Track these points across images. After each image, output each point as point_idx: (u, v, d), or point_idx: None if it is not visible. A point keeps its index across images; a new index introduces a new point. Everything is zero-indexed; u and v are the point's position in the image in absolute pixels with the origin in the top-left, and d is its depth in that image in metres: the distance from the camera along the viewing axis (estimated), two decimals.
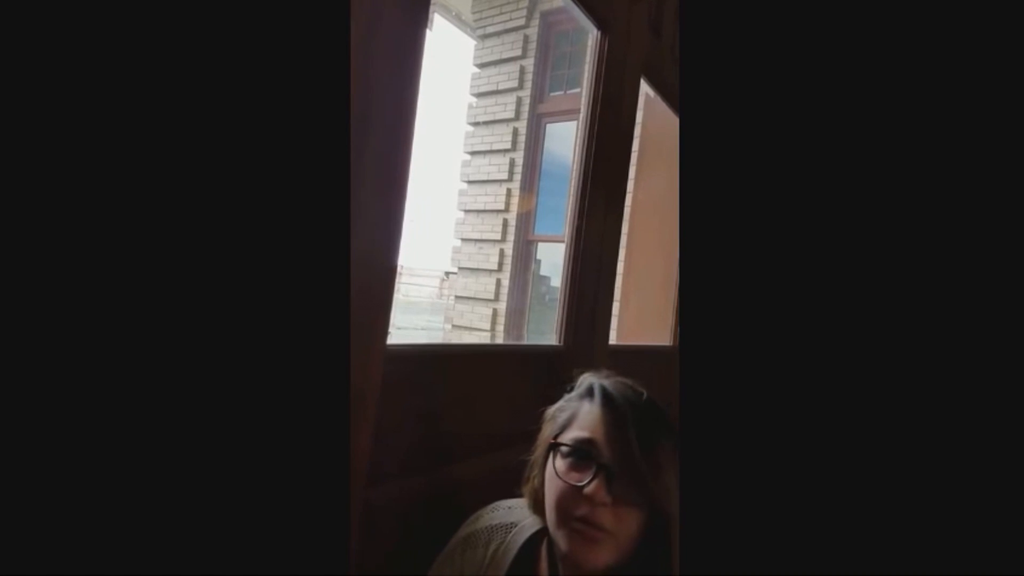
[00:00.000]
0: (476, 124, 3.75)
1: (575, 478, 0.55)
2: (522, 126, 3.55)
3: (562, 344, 1.12)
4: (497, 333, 3.55)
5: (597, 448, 0.56)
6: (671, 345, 1.78)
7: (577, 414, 0.60)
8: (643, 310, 1.97)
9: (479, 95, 3.75)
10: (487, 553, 0.62)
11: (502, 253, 3.57)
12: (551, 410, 0.63)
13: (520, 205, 3.53)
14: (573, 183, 1.18)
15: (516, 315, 3.51)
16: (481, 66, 3.76)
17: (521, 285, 3.51)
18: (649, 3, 1.27)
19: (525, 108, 3.54)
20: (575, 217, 1.16)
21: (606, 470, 0.54)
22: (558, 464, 0.57)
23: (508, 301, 3.49)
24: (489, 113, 3.68)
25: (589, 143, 1.15)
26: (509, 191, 3.57)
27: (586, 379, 0.63)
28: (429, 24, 0.76)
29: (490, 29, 3.71)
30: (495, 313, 3.58)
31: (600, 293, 1.22)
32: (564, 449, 0.57)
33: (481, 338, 3.58)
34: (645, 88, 1.54)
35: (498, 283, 3.58)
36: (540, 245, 3.55)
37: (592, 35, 1.16)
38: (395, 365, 0.73)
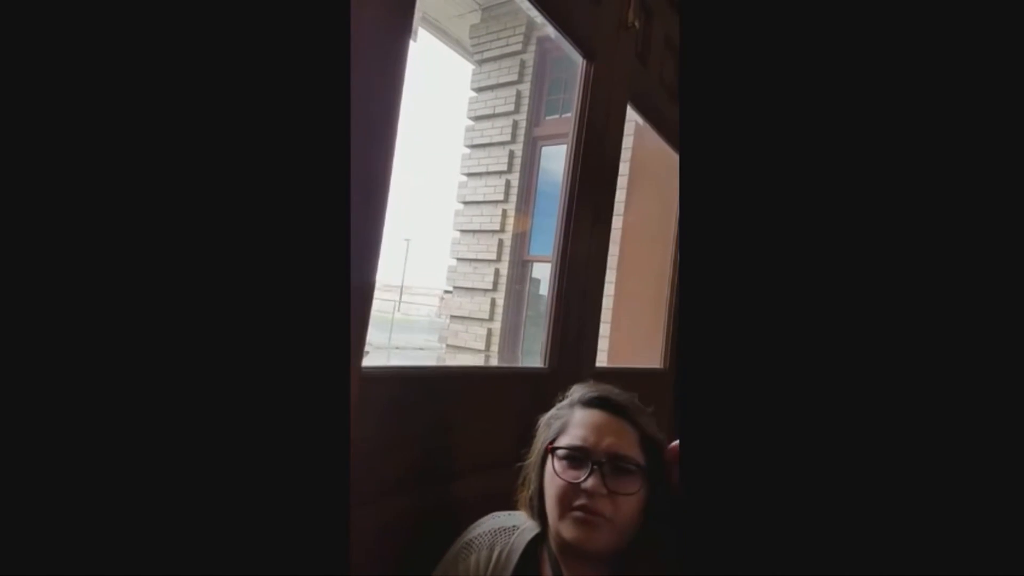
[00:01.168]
0: (473, 146, 3.80)
1: (573, 476, 0.60)
2: (518, 148, 3.60)
3: (547, 366, 1.13)
4: (492, 353, 3.55)
5: (591, 448, 0.61)
6: (661, 367, 1.79)
7: (570, 420, 0.65)
8: (634, 332, 1.97)
9: (476, 118, 3.82)
10: (492, 555, 0.66)
11: (497, 273, 3.58)
12: (544, 418, 0.69)
13: (515, 225, 3.56)
14: (560, 207, 1.20)
15: (511, 335, 3.51)
16: (479, 90, 3.84)
17: (516, 305, 3.51)
18: (635, 33, 1.31)
19: (521, 131, 3.60)
20: (562, 239, 1.18)
21: (601, 466, 0.60)
22: (557, 465, 0.62)
23: (503, 321, 3.49)
24: (486, 136, 3.74)
25: (575, 168, 1.17)
26: (505, 211, 3.60)
27: (576, 389, 0.70)
28: (413, 35, 0.78)
29: (488, 54, 3.79)
30: (489, 333, 3.58)
31: (586, 315, 1.23)
32: (561, 452, 0.62)
33: (475, 358, 3.57)
34: (635, 116, 1.58)
35: (493, 303, 3.59)
36: (535, 265, 3.57)
37: (580, 64, 1.19)
38: (377, 387, 0.74)
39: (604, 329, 1.93)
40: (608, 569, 0.61)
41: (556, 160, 3.54)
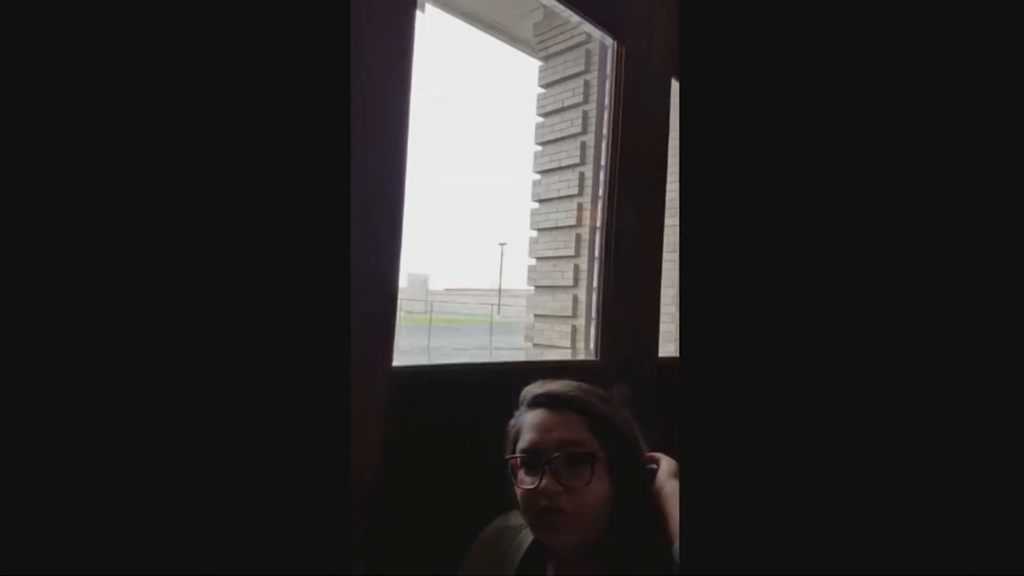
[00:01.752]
0: (544, 143, 3.80)
1: (530, 481, 0.60)
2: (590, 139, 3.54)
3: (598, 358, 1.10)
4: (578, 350, 3.51)
5: (540, 448, 0.60)
6: None
7: (522, 425, 0.64)
8: None
9: (546, 114, 3.81)
10: (496, 556, 0.67)
11: (577, 268, 3.54)
12: (508, 426, 0.67)
13: (591, 219, 3.50)
14: (603, 196, 1.16)
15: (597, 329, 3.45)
16: (547, 86, 3.83)
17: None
18: (669, 6, 1.23)
19: (592, 121, 3.53)
20: (606, 226, 1.14)
21: (551, 464, 0.59)
22: (518, 475, 0.62)
23: (586, 316, 3.45)
24: (556, 131, 3.72)
25: (614, 154, 1.13)
26: (580, 205, 3.56)
27: (527, 391, 0.67)
28: (420, 5, 0.76)
29: (553, 49, 3.77)
30: (574, 330, 3.55)
31: (642, 302, 1.18)
32: (517, 461, 0.62)
33: (563, 355, 3.56)
34: None
35: (575, 299, 3.55)
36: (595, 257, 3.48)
37: (610, 46, 1.15)
38: (417, 385, 0.77)
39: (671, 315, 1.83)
40: (595, 559, 0.59)
41: None
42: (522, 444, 0.62)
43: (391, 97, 0.70)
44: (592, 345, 1.15)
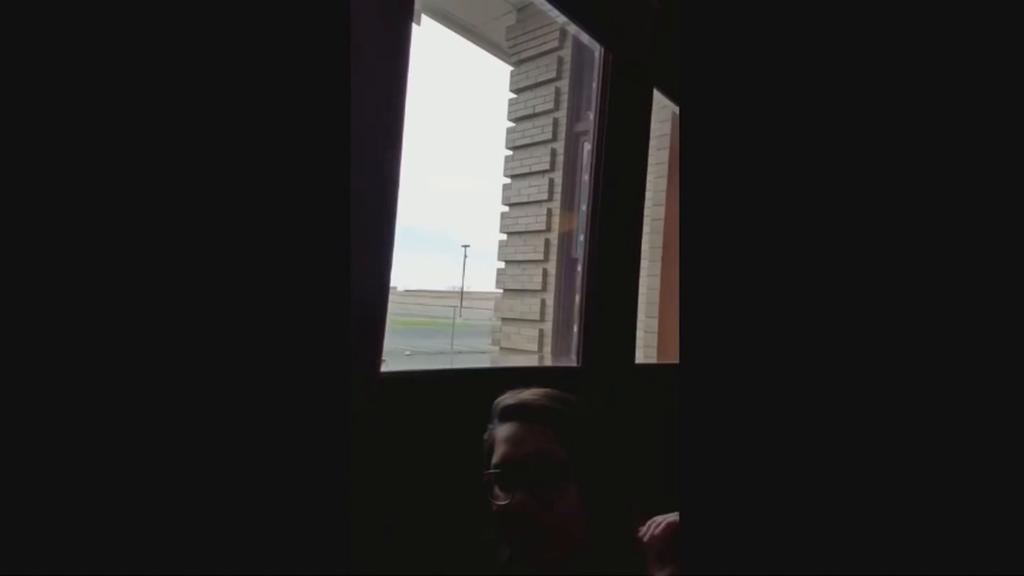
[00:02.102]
0: (516, 148, 3.81)
1: (503, 497, 0.58)
2: (560, 146, 3.57)
3: (579, 364, 1.10)
4: (545, 354, 3.53)
5: (512, 462, 0.59)
6: None
7: (495, 438, 0.62)
8: None
9: (517, 119, 3.83)
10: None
11: (545, 273, 3.57)
12: (483, 442, 0.65)
13: (561, 224, 3.53)
14: (587, 201, 1.17)
15: (561, 334, 3.48)
16: (518, 91, 3.84)
17: (566, 304, 3.48)
18: (655, 14, 1.26)
19: (562, 129, 3.57)
20: (589, 233, 1.15)
21: (525, 479, 0.57)
22: (494, 490, 0.60)
23: (553, 321, 3.47)
24: (527, 136, 3.74)
25: (599, 160, 1.14)
26: (550, 211, 3.58)
27: (498, 402, 0.65)
28: (416, 18, 0.77)
29: (525, 54, 3.79)
30: (541, 334, 3.57)
31: (620, 310, 1.19)
32: (491, 477, 0.60)
33: (529, 359, 3.57)
34: (670, 105, 1.51)
35: (543, 303, 3.57)
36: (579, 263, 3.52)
37: (597, 51, 1.16)
38: (401, 389, 0.75)
39: (652, 324, 1.87)
40: (574, 571, 0.58)
41: None
42: (495, 459, 0.60)
43: (386, 105, 0.68)
44: (572, 351, 1.15)
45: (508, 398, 0.64)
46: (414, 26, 0.73)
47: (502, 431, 0.61)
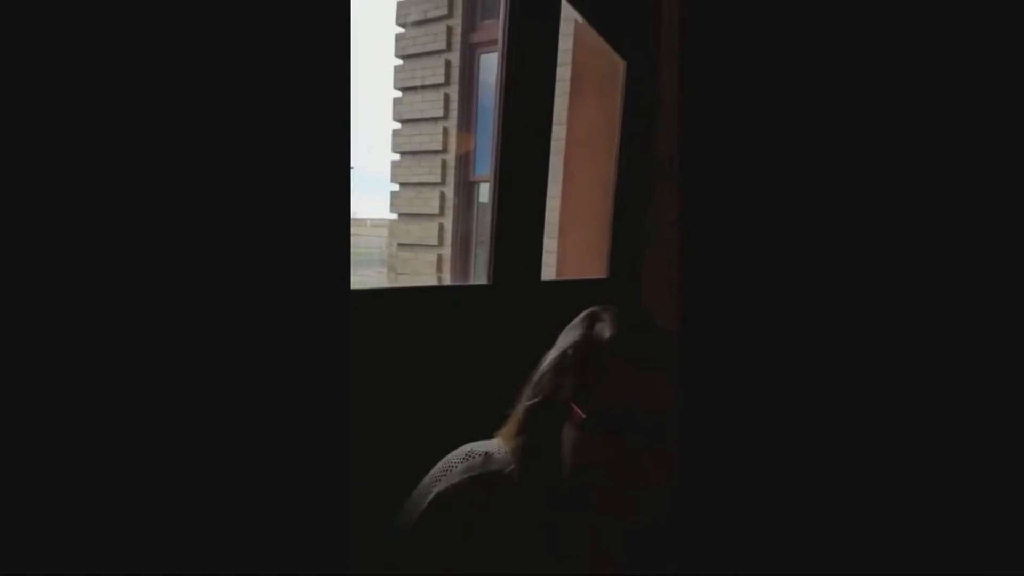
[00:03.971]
0: (406, 57, 3.53)
1: (616, 449, 0.49)
2: (455, 58, 3.37)
3: (491, 282, 1.13)
4: (443, 280, 3.53)
5: (650, 413, 0.49)
6: (605, 277, 1.83)
7: (609, 371, 0.51)
8: (580, 243, 1.99)
9: (406, 25, 3.51)
10: (467, 510, 0.54)
11: (443, 196, 3.48)
12: (556, 358, 0.55)
13: (458, 145, 3.42)
14: (495, 117, 1.14)
15: (460, 259, 3.49)
16: None
17: (465, 228, 3.46)
18: None
19: (457, 38, 3.35)
20: (499, 153, 1.13)
21: (659, 434, 0.48)
22: (594, 429, 0.50)
23: (452, 246, 3.45)
24: (419, 44, 3.46)
25: (508, 75, 1.10)
26: (446, 130, 3.44)
27: (602, 321, 0.54)
28: None
29: None
30: (439, 259, 3.55)
31: (528, 229, 1.22)
32: (605, 415, 0.50)
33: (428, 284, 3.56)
34: (574, 15, 1.48)
35: (441, 228, 3.52)
36: (483, 186, 3.49)
37: None
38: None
39: (552, 243, 1.94)
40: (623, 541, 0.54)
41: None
42: (620, 401, 0.50)
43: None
44: (471, 273, 1.16)
45: (631, 332, 0.53)
46: None
47: (641, 376, 0.50)
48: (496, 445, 0.58)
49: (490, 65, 3.36)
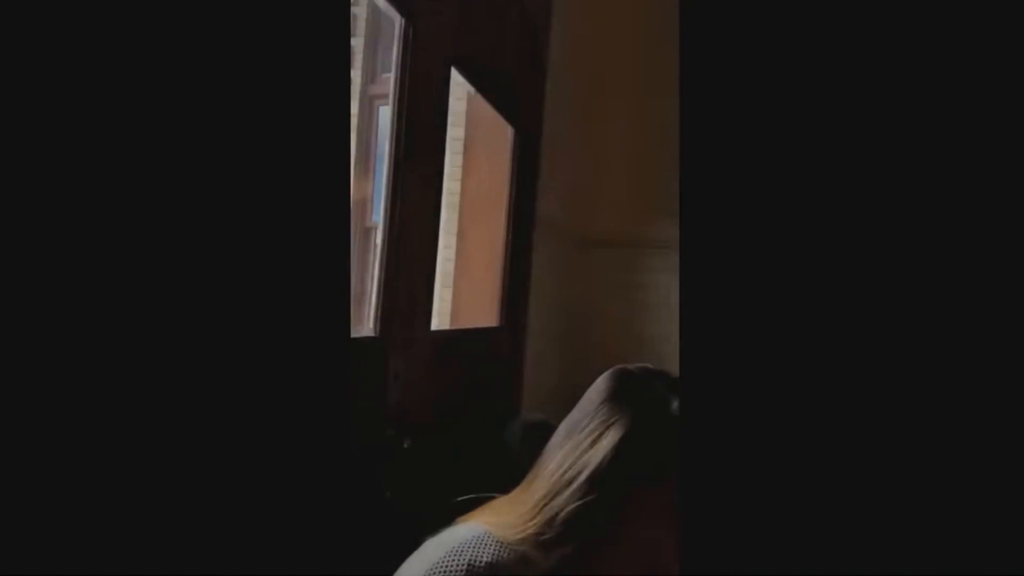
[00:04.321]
0: None
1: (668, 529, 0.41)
2: (354, 108, 3.39)
3: (377, 334, 1.12)
4: None
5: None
6: (496, 326, 1.89)
7: (663, 443, 0.43)
8: (474, 294, 2.04)
9: None
10: None
11: None
12: (620, 440, 0.43)
13: (355, 191, 3.38)
14: (386, 170, 1.17)
15: (356, 305, 3.38)
16: None
17: (360, 274, 3.38)
18: None
19: (356, 88, 3.38)
20: (390, 204, 1.16)
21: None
22: (655, 522, 0.42)
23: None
24: None
25: (399, 130, 1.15)
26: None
27: (661, 390, 0.46)
28: None
29: None
30: None
31: (418, 280, 1.24)
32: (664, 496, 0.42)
33: None
34: (467, 84, 1.58)
35: None
36: (379, 233, 3.45)
37: (398, 22, 1.15)
38: None
39: (447, 294, 1.97)
40: None
41: None
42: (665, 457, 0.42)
43: None
44: (371, 322, 1.16)
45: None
46: None
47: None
48: (493, 550, 0.45)
49: (388, 116, 3.42)
